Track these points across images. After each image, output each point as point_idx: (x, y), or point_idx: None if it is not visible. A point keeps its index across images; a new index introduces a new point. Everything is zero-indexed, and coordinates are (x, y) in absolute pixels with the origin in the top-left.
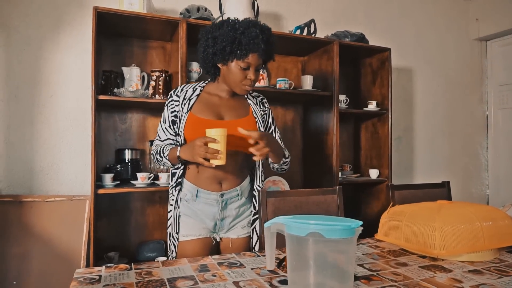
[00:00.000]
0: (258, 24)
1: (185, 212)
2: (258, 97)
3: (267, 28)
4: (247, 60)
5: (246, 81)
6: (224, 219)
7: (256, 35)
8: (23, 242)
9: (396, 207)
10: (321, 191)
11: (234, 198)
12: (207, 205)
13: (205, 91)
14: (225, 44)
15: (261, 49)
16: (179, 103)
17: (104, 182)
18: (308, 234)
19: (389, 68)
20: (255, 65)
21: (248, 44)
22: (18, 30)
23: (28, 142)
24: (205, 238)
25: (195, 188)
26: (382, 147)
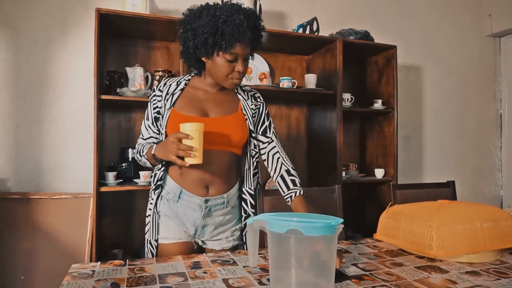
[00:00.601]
0: (242, 9)
1: (165, 212)
2: (250, 92)
3: (252, 12)
4: (233, 51)
5: (234, 74)
6: (205, 226)
7: (241, 22)
8: (31, 238)
9: (395, 207)
10: (319, 190)
11: (219, 206)
12: (189, 209)
13: (190, 85)
14: (207, 35)
15: (247, 38)
16: (162, 98)
17: (107, 181)
18: (288, 231)
19: (395, 66)
20: (243, 56)
21: (233, 34)
22: (26, 32)
23: (36, 141)
24: (185, 242)
25: (179, 189)
26: (388, 146)
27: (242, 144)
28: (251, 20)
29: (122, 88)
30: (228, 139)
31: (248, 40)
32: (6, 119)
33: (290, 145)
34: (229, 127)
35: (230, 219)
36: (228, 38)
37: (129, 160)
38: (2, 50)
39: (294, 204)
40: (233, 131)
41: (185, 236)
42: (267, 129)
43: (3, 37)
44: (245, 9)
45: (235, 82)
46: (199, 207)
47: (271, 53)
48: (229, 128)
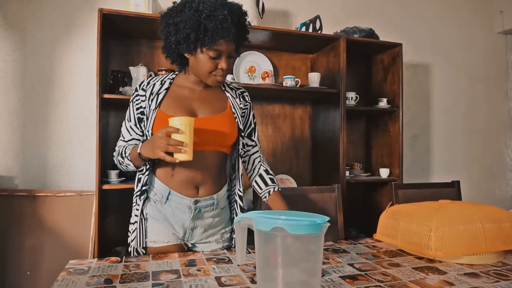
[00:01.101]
0: (227, 4)
1: (152, 214)
2: (238, 89)
3: (237, 7)
4: (216, 48)
5: (217, 71)
6: (195, 228)
7: (224, 17)
8: (36, 235)
9: (395, 207)
10: (318, 189)
11: (209, 207)
12: (178, 210)
13: (175, 83)
14: (189, 31)
15: (231, 34)
16: (146, 98)
17: (110, 179)
18: (273, 229)
19: (400, 64)
20: (227, 53)
21: (216, 30)
22: (33, 33)
23: (42, 140)
24: (175, 245)
25: (167, 190)
26: (393, 145)
27: (231, 143)
28: (236, 15)
29: (125, 87)
30: (218, 139)
31: (232, 37)
32: (13, 118)
33: (294, 145)
34: (218, 126)
35: (220, 221)
36: (211, 34)
37: None
38: (10, 51)
39: (272, 199)
40: (223, 130)
41: (173, 239)
42: (253, 132)
43: (11, 38)
44: (230, 3)
45: (218, 79)
46: (188, 208)
47: (275, 52)
48: (219, 127)
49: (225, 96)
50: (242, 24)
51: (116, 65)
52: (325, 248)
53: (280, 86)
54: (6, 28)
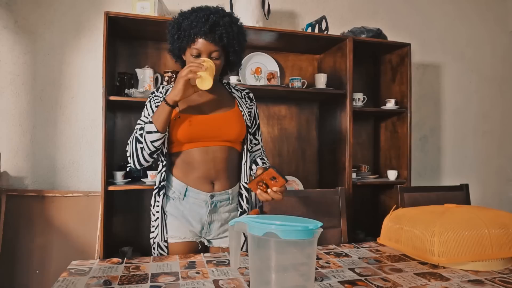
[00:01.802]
0: (208, 8)
1: (171, 211)
2: (243, 91)
3: (218, 10)
4: (195, 47)
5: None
6: (212, 223)
7: (198, 17)
8: (45, 234)
9: (399, 210)
10: (321, 191)
11: (224, 202)
12: (195, 206)
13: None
14: (173, 32)
15: (203, 31)
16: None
17: (115, 180)
18: (265, 234)
19: (409, 64)
20: (207, 52)
21: (191, 28)
22: (44, 37)
23: (51, 141)
24: (191, 242)
25: (184, 186)
26: (401, 147)
27: (241, 139)
28: (214, 16)
29: (130, 89)
30: (228, 135)
31: (203, 34)
32: (24, 120)
33: (301, 146)
34: (228, 123)
35: (235, 216)
36: (188, 33)
37: None
38: (21, 54)
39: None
40: (232, 127)
41: (190, 236)
42: (257, 131)
43: (22, 41)
44: (212, 8)
45: None
46: (205, 203)
47: (282, 53)
48: (228, 124)
49: (232, 97)
50: (222, 25)
51: (124, 67)
52: (327, 252)
53: (286, 88)
54: (17, 32)
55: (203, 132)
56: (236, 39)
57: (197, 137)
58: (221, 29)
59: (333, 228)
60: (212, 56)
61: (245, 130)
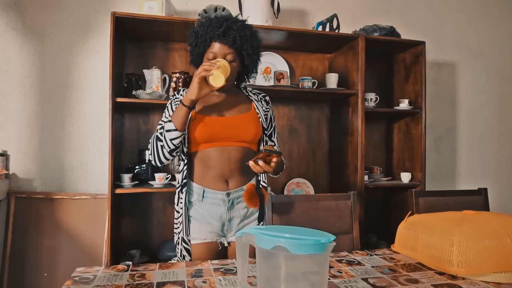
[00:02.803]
0: (223, 16)
1: (193, 214)
2: (259, 94)
3: (231, 16)
4: (210, 50)
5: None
6: (232, 219)
7: (213, 23)
8: (53, 237)
9: (415, 216)
10: (332, 196)
11: (240, 198)
12: (214, 205)
13: None
14: (192, 40)
15: (216, 35)
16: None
17: (123, 182)
18: (274, 248)
19: (423, 63)
20: (221, 54)
21: (206, 34)
22: (51, 38)
23: (59, 142)
24: (211, 243)
25: (201, 189)
26: (415, 148)
27: (257, 140)
28: (228, 22)
29: (138, 91)
30: (243, 135)
31: (217, 37)
32: (32, 121)
33: (311, 147)
34: (244, 124)
35: (253, 211)
36: (203, 38)
37: (146, 162)
38: (29, 55)
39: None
40: (248, 128)
41: (210, 237)
42: (273, 133)
43: (30, 43)
44: (227, 16)
45: None
46: (222, 201)
47: (292, 52)
48: (244, 125)
49: (249, 100)
50: (237, 29)
51: (132, 67)
52: (339, 260)
53: (297, 88)
54: (25, 33)
55: (219, 133)
56: (249, 42)
57: (213, 137)
58: (234, 33)
59: (345, 234)
60: (227, 59)
61: (260, 131)
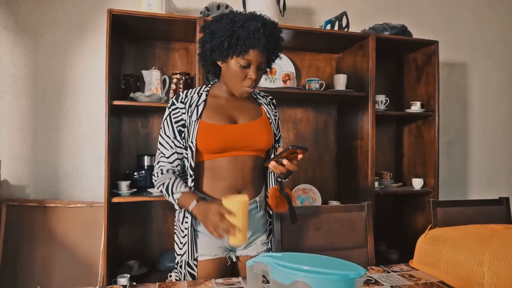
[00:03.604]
0: (261, 17)
1: (201, 229)
2: (267, 97)
3: (271, 22)
4: (247, 57)
5: (247, 81)
6: None
7: (257, 28)
8: (47, 247)
9: (436, 230)
10: (345, 207)
11: (253, 211)
12: None
13: (210, 95)
14: (223, 38)
15: (261, 44)
16: (186, 110)
17: (120, 190)
18: (293, 283)
19: (436, 63)
20: (257, 63)
21: (248, 39)
22: (45, 37)
23: (54, 147)
24: (220, 258)
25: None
26: (428, 153)
27: (268, 147)
28: (268, 28)
29: (136, 93)
30: (256, 144)
31: (262, 47)
32: (25, 125)
33: (318, 152)
34: (257, 132)
35: (264, 224)
36: (242, 43)
37: (145, 168)
38: (22, 56)
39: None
40: (261, 136)
41: (220, 252)
42: (280, 138)
43: (22, 42)
44: (264, 18)
45: (247, 90)
46: None
47: (297, 52)
48: (258, 132)
49: (259, 104)
50: (274, 37)
51: (130, 68)
52: None
53: (304, 90)
54: (17, 32)
55: (233, 142)
56: (280, 50)
57: (227, 147)
58: (274, 42)
59: (359, 248)
60: (260, 67)
61: (272, 138)
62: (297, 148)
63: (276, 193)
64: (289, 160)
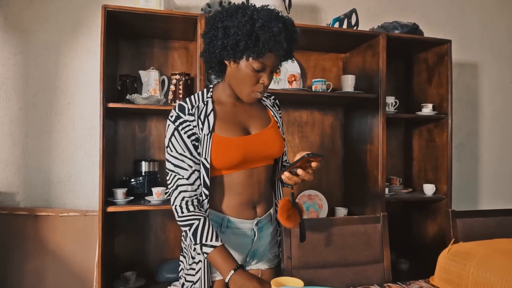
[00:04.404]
0: (282, 17)
1: None
2: (270, 97)
3: (291, 22)
4: (263, 61)
5: (258, 86)
6: (256, 250)
7: (279, 31)
8: (39, 257)
9: (460, 246)
10: (359, 219)
11: (268, 224)
12: (239, 236)
13: (215, 101)
14: (239, 37)
15: (282, 49)
16: (197, 122)
17: (115, 198)
18: None
19: (449, 63)
20: (272, 67)
21: (268, 42)
22: (36, 35)
23: (46, 151)
24: None
25: (222, 217)
26: (440, 157)
27: (280, 155)
28: (289, 31)
29: (133, 95)
30: (270, 153)
31: (282, 52)
32: (14, 128)
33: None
34: (270, 141)
35: (276, 235)
36: (262, 45)
37: (143, 174)
38: (11, 55)
39: None
40: (275, 143)
41: None
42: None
43: (11, 40)
44: (284, 17)
45: (257, 96)
46: (250, 231)
47: (303, 51)
48: (271, 141)
49: (264, 106)
50: (294, 41)
51: (127, 68)
52: None
53: (311, 92)
54: (6, 30)
55: (250, 155)
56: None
57: (244, 161)
58: (293, 46)
59: (375, 263)
60: (274, 71)
61: (284, 144)
62: (314, 156)
63: (288, 205)
64: (303, 169)
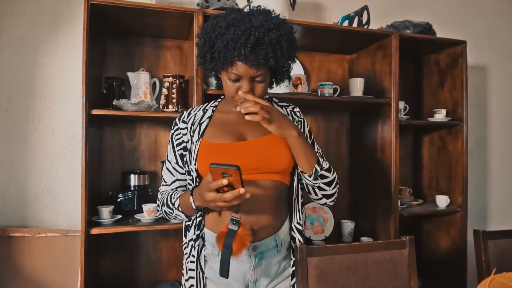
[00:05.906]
0: (250, 21)
1: (207, 273)
2: (288, 107)
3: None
4: (233, 71)
5: (238, 96)
6: (258, 280)
7: (236, 36)
8: (13, 284)
9: (503, 277)
10: (383, 244)
11: (271, 251)
12: (234, 263)
13: (218, 110)
14: (205, 50)
15: (242, 55)
16: (188, 130)
17: (101, 218)
18: None
19: (464, 66)
20: (247, 76)
21: (226, 50)
22: (10, 32)
23: (21, 163)
24: None
25: (214, 236)
26: (453, 167)
27: (290, 169)
28: (256, 32)
29: (120, 100)
30: (273, 165)
31: (243, 58)
32: None
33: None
34: (272, 149)
35: (286, 266)
36: (222, 55)
37: (132, 189)
38: None
39: None
40: (278, 153)
41: None
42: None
43: None
44: (254, 19)
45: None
46: (247, 257)
47: (306, 52)
48: (273, 150)
49: None
50: (269, 43)
51: (114, 70)
52: None
53: (318, 96)
54: None
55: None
56: (286, 57)
57: None
58: (266, 49)
59: None
60: (256, 80)
61: (291, 156)
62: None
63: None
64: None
